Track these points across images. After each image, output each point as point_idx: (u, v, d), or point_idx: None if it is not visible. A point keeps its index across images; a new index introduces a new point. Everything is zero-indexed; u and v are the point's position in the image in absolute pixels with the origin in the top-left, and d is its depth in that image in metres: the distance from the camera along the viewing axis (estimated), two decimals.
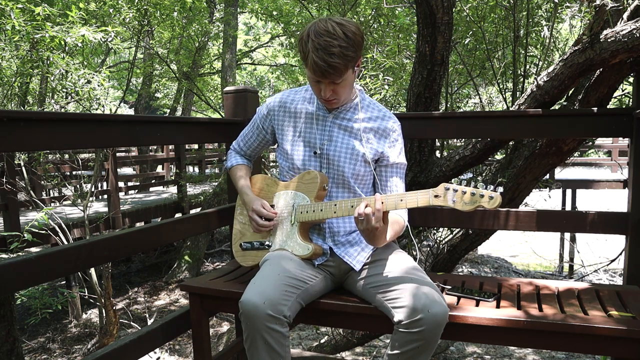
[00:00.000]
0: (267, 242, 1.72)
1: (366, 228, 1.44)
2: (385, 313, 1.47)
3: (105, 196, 7.56)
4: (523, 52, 3.38)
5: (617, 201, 10.23)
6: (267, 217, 1.68)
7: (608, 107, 2.24)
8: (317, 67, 1.44)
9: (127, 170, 13.89)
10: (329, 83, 1.51)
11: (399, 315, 1.39)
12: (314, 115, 1.68)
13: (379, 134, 1.66)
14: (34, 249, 5.53)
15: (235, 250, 1.84)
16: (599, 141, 10.35)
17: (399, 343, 1.40)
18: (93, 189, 5.46)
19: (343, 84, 1.53)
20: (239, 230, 1.84)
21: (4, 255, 4.60)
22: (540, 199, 4.70)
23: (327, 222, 1.65)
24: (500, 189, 1.34)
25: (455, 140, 5.03)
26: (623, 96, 3.26)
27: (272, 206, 1.73)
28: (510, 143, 2.75)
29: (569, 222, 1.96)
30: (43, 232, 4.78)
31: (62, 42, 4.49)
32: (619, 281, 7.00)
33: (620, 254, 2.94)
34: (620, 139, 9.68)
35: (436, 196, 1.40)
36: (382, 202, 1.43)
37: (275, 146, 1.82)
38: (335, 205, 1.56)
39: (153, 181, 10.89)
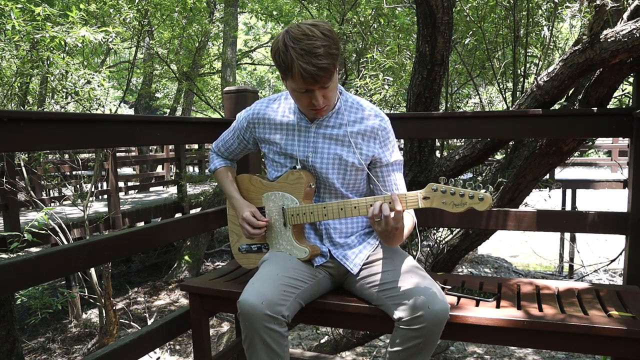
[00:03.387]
0: (264, 244, 1.72)
1: (385, 229, 1.41)
2: (385, 311, 1.47)
3: (105, 196, 7.56)
4: (523, 52, 3.38)
5: (617, 201, 10.23)
6: (257, 226, 1.65)
7: (608, 107, 2.24)
8: (306, 74, 1.35)
9: (127, 170, 13.88)
10: (319, 89, 1.42)
11: (399, 313, 1.39)
12: (295, 126, 1.61)
13: (367, 136, 1.57)
14: (34, 249, 5.53)
15: (235, 253, 1.84)
16: (599, 141, 10.35)
17: (399, 340, 1.40)
18: (93, 189, 5.46)
19: (332, 86, 1.45)
20: (235, 233, 1.83)
21: (4, 255, 4.61)
22: (540, 199, 4.70)
23: (323, 224, 1.64)
24: (491, 188, 1.31)
25: (455, 140, 5.04)
26: (623, 96, 3.26)
27: (262, 209, 1.71)
28: (510, 143, 2.75)
29: (569, 222, 1.95)
30: (43, 232, 4.78)
31: (62, 43, 4.49)
32: (619, 281, 7.00)
33: (620, 254, 2.94)
34: (620, 139, 9.68)
35: (425, 198, 1.38)
36: (402, 202, 1.39)
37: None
38: (325, 207, 1.54)
39: (153, 181, 10.89)
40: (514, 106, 2.28)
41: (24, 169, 5.45)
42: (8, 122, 1.30)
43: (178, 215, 8.18)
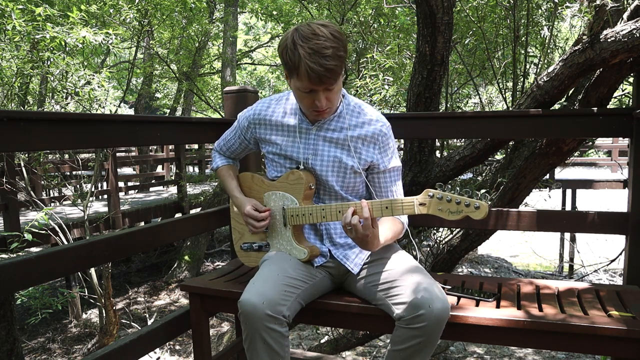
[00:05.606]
0: (265, 244, 1.72)
1: (356, 237, 1.43)
2: (386, 311, 1.47)
3: (105, 196, 7.56)
4: (523, 52, 3.39)
5: (617, 201, 10.24)
6: (261, 218, 1.66)
7: (608, 107, 2.24)
8: (313, 74, 1.34)
9: (127, 170, 13.88)
10: (324, 90, 1.42)
11: (400, 312, 1.39)
12: (296, 128, 1.60)
13: (367, 141, 1.57)
14: (34, 249, 5.53)
15: (237, 251, 1.84)
16: (599, 141, 10.36)
17: (400, 339, 1.40)
18: (93, 189, 5.46)
19: (336, 89, 1.45)
20: (237, 230, 1.84)
21: (4, 255, 4.61)
22: (540, 199, 4.70)
23: (324, 224, 1.64)
24: (488, 197, 1.31)
25: (455, 140, 5.04)
26: (623, 96, 3.26)
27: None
28: (510, 143, 2.75)
29: (569, 222, 1.95)
30: (43, 232, 4.78)
31: (63, 43, 4.49)
32: (619, 281, 7.00)
33: (620, 254, 2.94)
34: (620, 139, 9.68)
35: (421, 204, 1.38)
36: (370, 209, 1.41)
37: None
38: (324, 209, 1.54)
39: (153, 181, 10.89)
40: (514, 106, 2.28)
41: (24, 169, 5.45)
42: (8, 122, 1.30)
43: (178, 215, 8.18)
